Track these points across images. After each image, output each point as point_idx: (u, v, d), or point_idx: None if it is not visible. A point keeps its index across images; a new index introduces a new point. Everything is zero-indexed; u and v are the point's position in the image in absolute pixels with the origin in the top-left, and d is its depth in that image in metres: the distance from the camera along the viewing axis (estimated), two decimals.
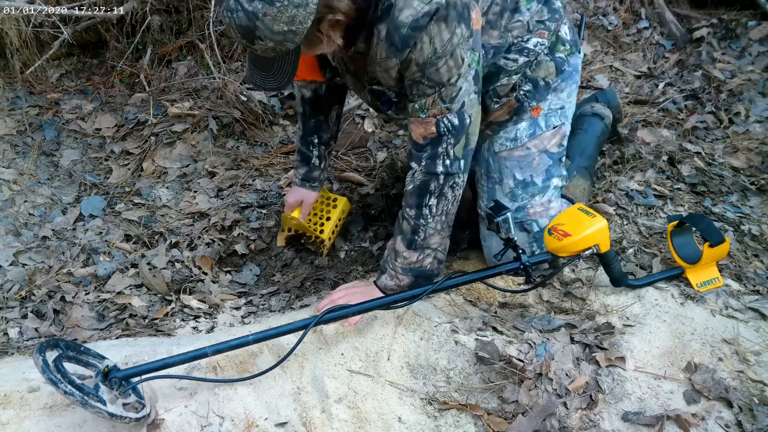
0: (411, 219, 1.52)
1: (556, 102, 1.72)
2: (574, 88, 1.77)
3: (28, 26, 2.48)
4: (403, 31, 1.31)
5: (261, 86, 1.37)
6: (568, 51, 1.72)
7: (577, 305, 1.65)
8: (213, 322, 1.74)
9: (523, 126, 1.70)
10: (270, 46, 1.24)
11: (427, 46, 1.33)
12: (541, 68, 1.67)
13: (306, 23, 1.22)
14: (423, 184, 1.49)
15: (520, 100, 1.68)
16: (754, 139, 2.26)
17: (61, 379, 1.16)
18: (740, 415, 1.34)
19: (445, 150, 1.46)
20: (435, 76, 1.37)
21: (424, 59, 1.35)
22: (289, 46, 1.25)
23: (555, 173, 1.74)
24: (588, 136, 2.00)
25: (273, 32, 1.20)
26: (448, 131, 1.44)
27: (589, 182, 1.93)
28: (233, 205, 2.27)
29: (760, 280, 1.69)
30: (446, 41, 1.33)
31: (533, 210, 1.72)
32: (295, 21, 1.20)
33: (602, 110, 2.10)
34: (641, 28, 3.08)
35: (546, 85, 1.69)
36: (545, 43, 1.64)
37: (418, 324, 1.55)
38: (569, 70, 1.73)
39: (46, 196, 2.27)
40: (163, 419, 1.28)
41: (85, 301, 1.80)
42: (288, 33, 1.21)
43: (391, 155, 2.52)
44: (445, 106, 1.42)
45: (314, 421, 1.36)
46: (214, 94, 2.67)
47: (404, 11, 1.30)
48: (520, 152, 1.71)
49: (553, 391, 1.39)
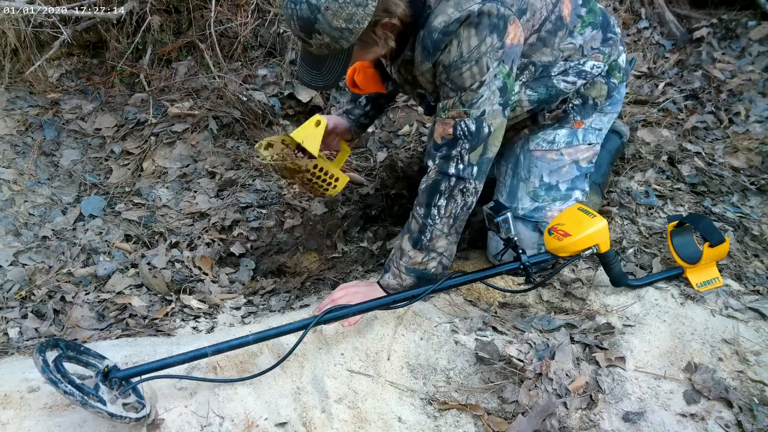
0: (420, 218, 1.54)
1: (597, 123, 1.77)
2: (614, 117, 1.82)
3: (28, 26, 2.48)
4: (435, 36, 1.36)
5: (309, 84, 1.42)
6: (620, 79, 1.76)
7: (577, 305, 1.65)
8: (213, 322, 1.74)
9: (563, 132, 1.73)
10: (326, 41, 1.29)
11: (455, 50, 1.37)
12: (594, 88, 1.71)
13: (363, 23, 1.27)
14: (434, 183, 1.51)
15: (568, 112, 1.73)
16: (754, 139, 2.26)
17: (61, 379, 1.16)
18: (740, 415, 1.34)
19: (459, 154, 1.48)
20: (458, 79, 1.41)
21: (449, 62, 1.39)
22: (343, 44, 1.31)
23: (579, 186, 1.77)
24: (604, 151, 1.99)
25: (331, 27, 1.26)
26: (464, 135, 1.47)
27: (600, 198, 1.95)
28: (233, 205, 2.27)
29: (760, 280, 1.69)
30: (473, 47, 1.36)
31: (551, 213, 1.74)
32: (353, 19, 1.26)
33: (621, 127, 2.10)
34: (641, 28, 3.08)
35: (594, 104, 1.73)
36: (601, 66, 1.68)
37: (418, 324, 1.55)
38: (617, 97, 1.79)
39: (46, 196, 2.27)
40: (163, 419, 1.28)
41: (85, 301, 1.80)
42: (345, 30, 1.27)
43: (391, 155, 2.51)
44: (464, 110, 1.44)
45: (314, 421, 1.36)
46: (214, 94, 2.67)
47: (438, 17, 1.36)
48: (553, 155, 1.74)
49: (553, 391, 1.39)
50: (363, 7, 1.25)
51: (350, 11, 1.24)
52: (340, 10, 1.24)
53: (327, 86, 1.41)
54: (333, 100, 2.74)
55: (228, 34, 2.86)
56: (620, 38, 1.76)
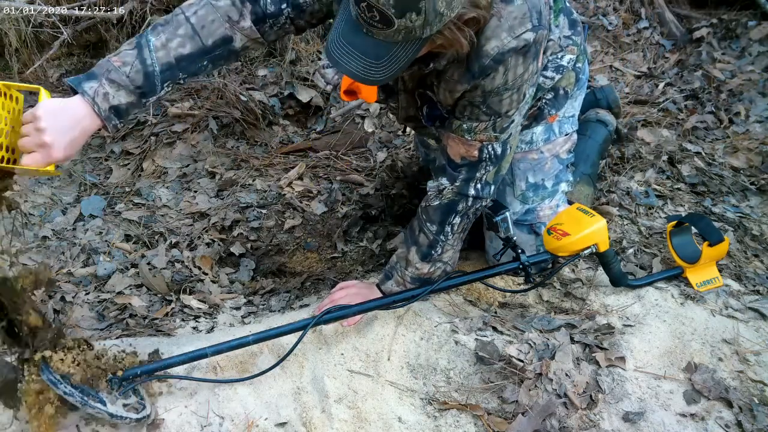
0: (431, 234, 1.52)
1: (570, 110, 1.74)
2: (582, 97, 1.79)
3: (28, 26, 2.48)
4: (485, 62, 1.25)
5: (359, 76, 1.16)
6: (583, 60, 1.73)
7: (577, 305, 1.65)
8: (213, 322, 1.74)
9: (539, 130, 1.71)
10: (417, 24, 1.08)
11: (500, 77, 1.28)
12: (564, 78, 1.68)
13: (453, 12, 1.11)
14: (451, 203, 1.49)
15: (542, 108, 1.69)
16: (754, 139, 2.26)
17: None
18: (740, 415, 1.34)
19: (482, 175, 1.46)
20: (496, 106, 1.34)
21: (492, 88, 1.30)
22: (426, 32, 1.11)
23: (563, 178, 1.76)
24: (591, 142, 1.99)
25: (433, 9, 1.07)
26: (489, 158, 1.43)
27: (591, 189, 1.94)
28: (233, 205, 2.27)
29: (760, 280, 1.69)
30: (518, 76, 1.30)
31: (543, 213, 1.73)
32: (452, 5, 1.10)
33: (606, 117, 2.09)
34: (641, 28, 3.08)
35: (565, 94, 1.70)
36: (574, 59, 1.65)
37: (419, 324, 1.55)
38: (583, 78, 1.75)
39: (46, 196, 2.27)
40: (163, 419, 1.29)
41: (85, 301, 1.80)
42: (441, 15, 1.09)
43: (391, 155, 2.52)
44: (495, 135, 1.39)
45: (314, 421, 1.36)
46: (214, 94, 2.67)
47: (491, 41, 1.23)
48: (534, 155, 1.72)
49: (553, 391, 1.39)
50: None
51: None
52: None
53: (383, 79, 1.17)
54: (333, 99, 2.74)
55: None
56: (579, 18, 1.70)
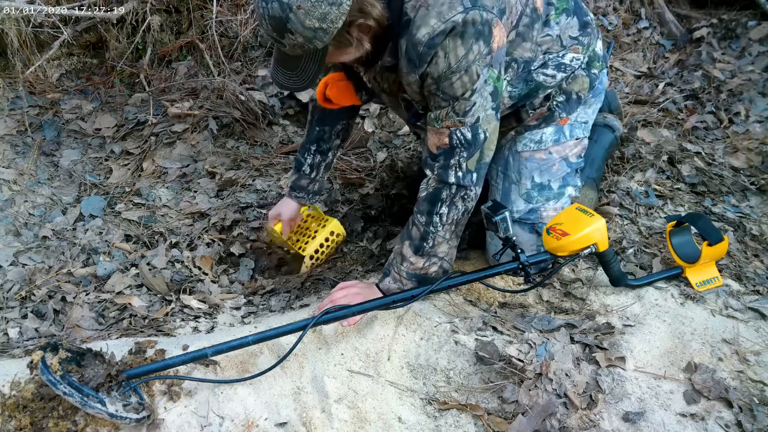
0: (421, 225, 1.53)
1: (583, 116, 1.76)
2: (598, 106, 1.81)
3: (28, 26, 2.48)
4: (420, 49, 1.33)
5: (283, 85, 1.38)
6: (600, 68, 1.75)
7: (577, 305, 1.65)
8: (213, 322, 1.74)
9: (549, 131, 1.72)
10: (299, 41, 1.24)
11: (442, 62, 1.34)
12: (576, 82, 1.70)
13: (337, 23, 1.23)
14: (435, 192, 1.51)
15: (552, 110, 1.71)
16: (754, 139, 2.26)
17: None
18: (740, 415, 1.34)
19: (458, 162, 1.48)
20: (449, 89, 1.39)
21: (438, 73, 1.37)
22: (317, 45, 1.26)
23: (570, 182, 1.77)
24: (598, 146, 1.99)
25: (304, 27, 1.21)
26: (460, 144, 1.46)
27: (596, 193, 1.95)
28: (233, 205, 2.27)
29: (760, 280, 1.69)
30: (461, 57, 1.34)
31: (546, 214, 1.73)
32: (326, 18, 1.21)
33: (614, 122, 2.10)
34: (641, 28, 3.08)
35: (578, 99, 1.72)
36: (581, 59, 1.66)
37: (419, 324, 1.55)
38: (600, 87, 1.77)
39: (46, 196, 2.28)
40: (163, 419, 1.29)
41: (85, 301, 1.80)
42: (318, 30, 1.22)
43: (391, 155, 2.52)
44: (458, 119, 1.43)
45: (314, 421, 1.36)
46: (214, 94, 2.67)
47: (421, 29, 1.32)
48: (542, 155, 1.73)
49: (553, 391, 1.39)
50: (337, 6, 1.20)
51: (324, 10, 1.20)
52: (313, 9, 1.19)
53: (302, 87, 1.37)
54: None
55: (228, 34, 2.87)
56: (595, 23, 1.73)
